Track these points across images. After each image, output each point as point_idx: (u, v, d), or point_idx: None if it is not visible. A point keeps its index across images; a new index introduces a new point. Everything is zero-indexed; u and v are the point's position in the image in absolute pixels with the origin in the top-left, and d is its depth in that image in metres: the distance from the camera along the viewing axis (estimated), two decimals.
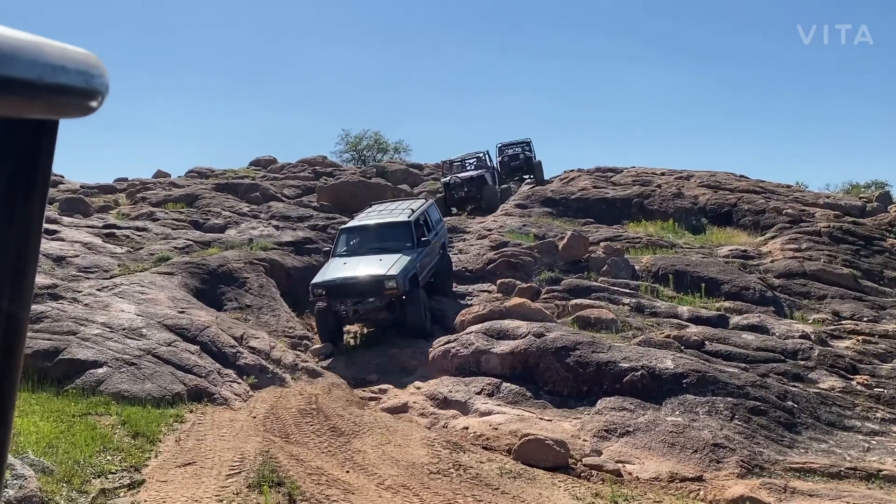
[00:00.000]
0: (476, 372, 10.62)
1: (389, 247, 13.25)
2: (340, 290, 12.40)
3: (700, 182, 22.28)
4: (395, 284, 12.13)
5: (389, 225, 14.00)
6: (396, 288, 12.15)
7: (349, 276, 12.43)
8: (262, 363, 10.97)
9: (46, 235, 15.18)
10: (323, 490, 6.62)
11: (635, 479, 7.64)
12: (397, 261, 12.63)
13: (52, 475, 6.19)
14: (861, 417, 9.08)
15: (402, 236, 13.54)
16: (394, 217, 14.40)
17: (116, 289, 12.38)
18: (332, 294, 12.45)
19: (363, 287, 12.31)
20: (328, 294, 12.47)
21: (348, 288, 12.37)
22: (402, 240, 13.43)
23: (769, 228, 18.27)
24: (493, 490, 6.95)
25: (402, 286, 12.19)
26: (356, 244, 13.81)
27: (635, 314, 12.58)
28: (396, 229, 13.75)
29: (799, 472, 7.76)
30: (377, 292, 12.29)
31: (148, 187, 24.12)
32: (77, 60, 0.60)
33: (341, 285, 12.39)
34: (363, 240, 13.87)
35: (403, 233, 13.62)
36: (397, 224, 13.91)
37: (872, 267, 15.66)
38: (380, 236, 13.77)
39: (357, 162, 38.69)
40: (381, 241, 13.55)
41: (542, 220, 20.16)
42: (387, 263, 12.56)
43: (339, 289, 12.40)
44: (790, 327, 11.82)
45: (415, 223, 13.84)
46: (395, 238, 13.52)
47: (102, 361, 9.60)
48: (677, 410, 9.00)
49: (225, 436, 8.11)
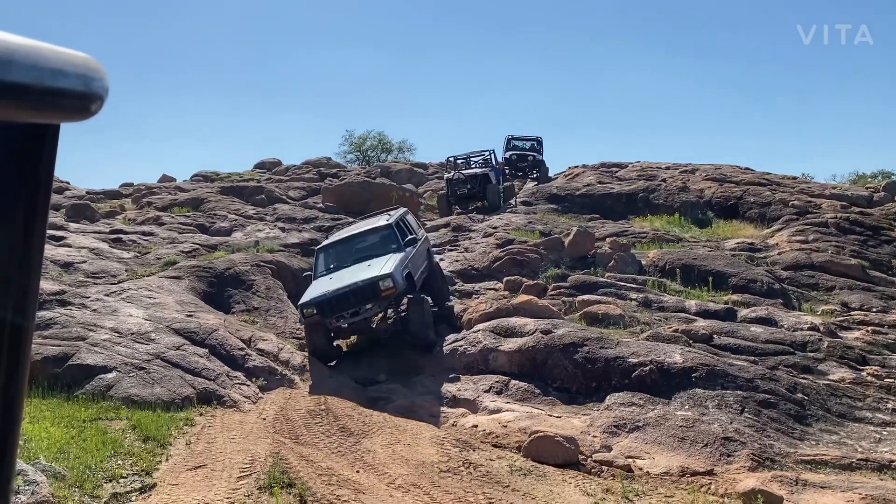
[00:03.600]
0: (484, 370, 10.61)
1: (375, 253, 12.36)
2: (333, 304, 11.34)
3: (705, 175, 22.22)
4: (391, 283, 11.18)
5: (370, 232, 13.13)
6: (394, 287, 11.20)
7: (339, 287, 11.41)
8: (270, 365, 11.00)
9: (53, 242, 15.25)
10: (333, 490, 6.63)
11: (646, 475, 7.63)
12: (388, 260, 11.78)
13: (64, 480, 6.22)
14: (872, 408, 9.04)
15: (385, 240, 12.62)
16: (372, 224, 13.60)
17: (124, 294, 12.43)
18: (323, 311, 11.35)
19: (357, 294, 11.34)
20: (319, 312, 11.34)
21: (341, 300, 11.33)
22: (387, 243, 12.52)
23: (776, 220, 18.20)
24: (504, 488, 6.95)
25: (400, 284, 11.32)
26: (337, 260, 12.77)
27: (643, 309, 12.55)
28: (378, 234, 12.90)
29: (810, 464, 7.73)
30: (373, 296, 11.34)
31: (154, 192, 24.19)
32: (76, 64, 0.60)
33: (333, 299, 11.32)
34: (344, 254, 12.84)
35: (386, 236, 12.72)
36: (378, 229, 13.03)
37: (880, 257, 15.59)
38: (362, 247, 12.82)
39: (361, 162, 38.72)
40: (365, 251, 12.62)
41: (547, 217, 20.13)
42: (378, 265, 11.71)
43: (332, 303, 11.33)
44: (799, 319, 11.77)
45: (396, 225, 12.94)
46: (379, 244, 12.63)
47: (112, 366, 9.63)
48: (687, 405, 8.98)
49: (235, 438, 8.13)
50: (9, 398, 0.63)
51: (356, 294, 11.34)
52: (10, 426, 0.63)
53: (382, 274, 11.29)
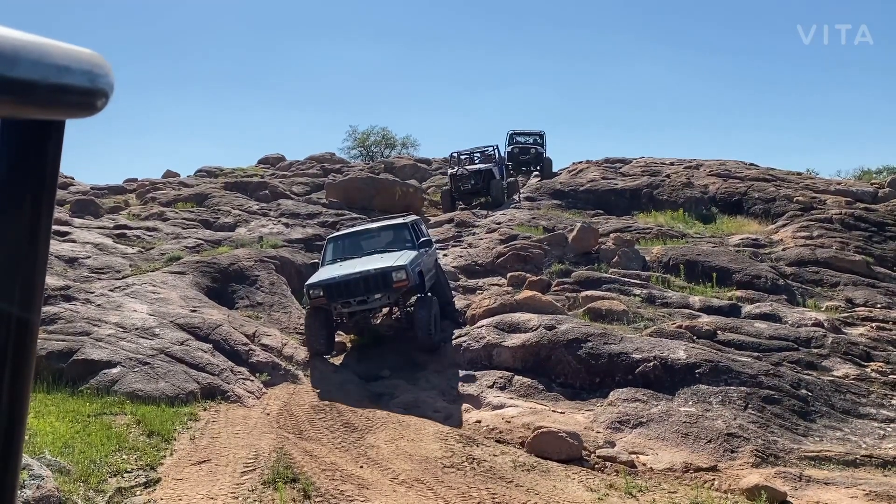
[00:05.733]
0: (488, 366, 10.62)
1: (387, 248, 12.29)
2: (342, 288, 11.14)
3: (709, 171, 22.17)
4: (404, 275, 11.03)
5: (385, 228, 13.05)
6: (406, 279, 11.06)
7: (351, 273, 11.25)
8: (274, 360, 11.02)
9: (58, 237, 15.28)
10: (337, 486, 6.65)
11: (649, 470, 7.63)
12: (402, 255, 11.66)
13: (69, 475, 6.25)
14: (876, 405, 9.02)
15: (399, 237, 12.56)
16: (387, 221, 13.56)
17: (128, 289, 12.45)
18: (331, 294, 11.16)
19: (368, 282, 11.12)
20: (326, 295, 11.16)
21: (350, 285, 11.13)
22: (401, 240, 12.45)
23: (780, 216, 18.16)
24: (507, 483, 6.96)
25: (413, 278, 11.20)
26: (348, 251, 12.64)
27: (647, 305, 12.53)
28: (392, 231, 12.83)
29: (814, 460, 7.72)
30: (384, 286, 11.12)
31: (158, 187, 24.23)
32: (81, 60, 0.60)
33: (342, 283, 11.14)
34: (355, 246, 12.75)
35: (401, 233, 12.65)
36: (393, 226, 12.98)
37: (885, 253, 15.54)
38: (375, 240, 12.75)
39: (365, 158, 38.77)
40: (378, 245, 12.54)
41: (551, 213, 20.12)
42: (391, 258, 11.59)
43: (340, 287, 11.14)
44: (803, 315, 11.75)
45: (411, 225, 12.94)
46: (393, 240, 12.57)
47: (116, 361, 9.66)
48: (690, 401, 8.97)
49: (239, 433, 8.15)
50: (15, 392, 0.63)
51: (367, 281, 11.13)
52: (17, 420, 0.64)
53: (396, 265, 11.15)
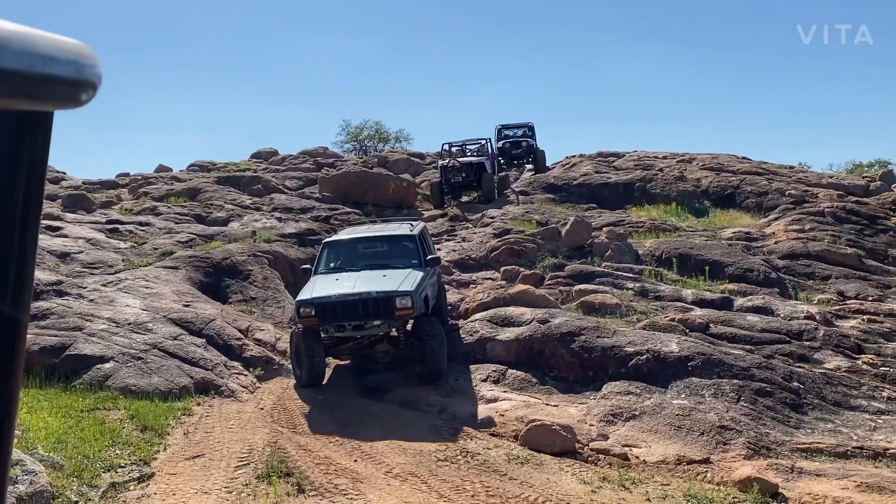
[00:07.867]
0: (481, 359, 10.63)
1: (391, 263, 10.72)
2: (336, 309, 9.64)
3: (702, 165, 22.20)
4: (409, 303, 9.57)
5: (389, 238, 11.53)
6: (411, 308, 9.61)
7: (348, 293, 9.74)
8: (268, 355, 11.02)
9: (50, 232, 15.21)
10: (331, 479, 6.66)
11: (642, 463, 7.66)
12: (408, 276, 10.13)
13: (63, 470, 6.24)
14: (867, 397, 9.08)
15: (406, 252, 11.06)
16: (393, 230, 11.94)
17: (121, 284, 12.42)
18: (325, 315, 9.65)
19: (367, 306, 9.65)
20: (319, 315, 9.63)
21: (347, 307, 9.64)
22: (408, 256, 10.95)
23: (772, 210, 18.21)
24: (501, 476, 6.98)
25: (419, 307, 9.75)
26: (347, 260, 11.14)
27: (639, 298, 12.57)
28: (398, 243, 11.31)
29: (806, 452, 7.77)
30: (385, 313, 9.65)
31: (150, 182, 24.11)
32: (68, 51, 0.59)
33: (337, 304, 9.64)
34: (356, 255, 11.20)
35: (408, 248, 11.15)
36: (400, 237, 11.43)
37: (877, 246, 15.61)
38: (378, 252, 11.26)
39: (358, 152, 38.65)
40: (380, 258, 11.01)
41: (544, 207, 20.12)
42: (396, 279, 10.03)
43: (335, 308, 9.64)
44: (795, 308, 11.80)
45: (419, 238, 11.42)
46: (398, 254, 11.05)
47: (109, 356, 9.64)
48: (683, 393, 9.01)
49: (233, 428, 8.15)
50: (4, 389, 0.63)
51: (366, 305, 9.67)
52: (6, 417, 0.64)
53: (402, 290, 9.68)
